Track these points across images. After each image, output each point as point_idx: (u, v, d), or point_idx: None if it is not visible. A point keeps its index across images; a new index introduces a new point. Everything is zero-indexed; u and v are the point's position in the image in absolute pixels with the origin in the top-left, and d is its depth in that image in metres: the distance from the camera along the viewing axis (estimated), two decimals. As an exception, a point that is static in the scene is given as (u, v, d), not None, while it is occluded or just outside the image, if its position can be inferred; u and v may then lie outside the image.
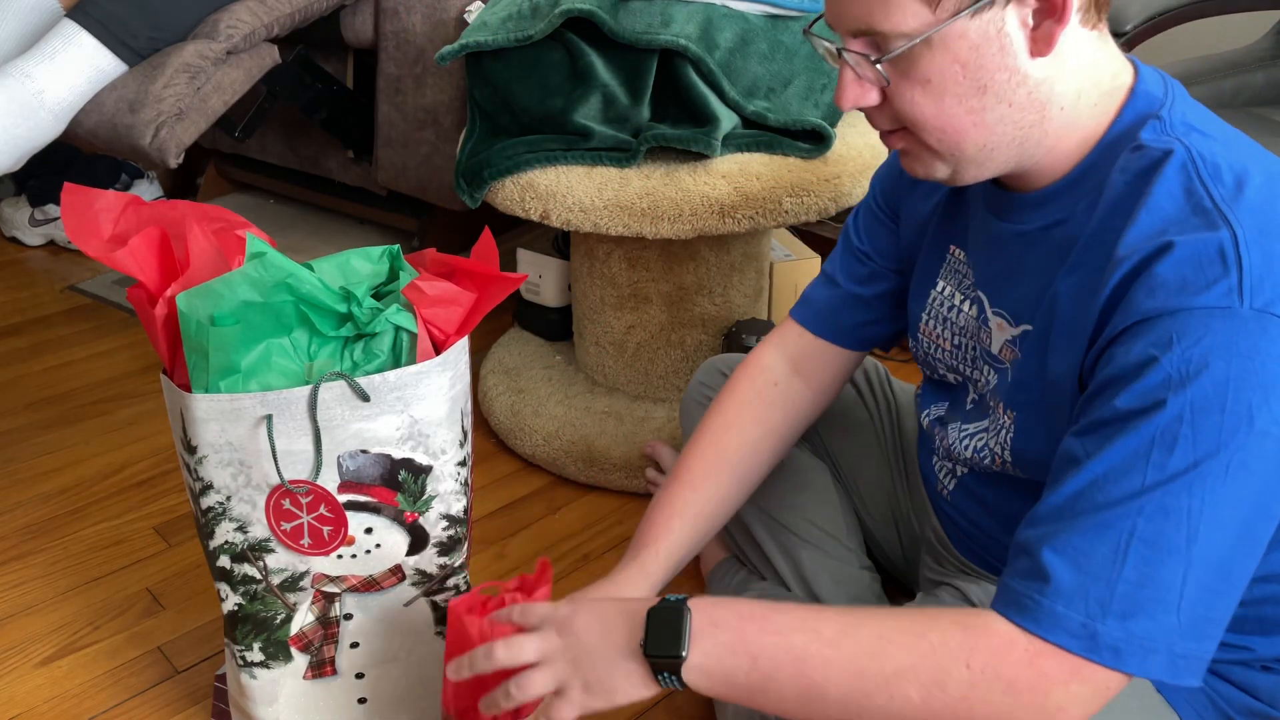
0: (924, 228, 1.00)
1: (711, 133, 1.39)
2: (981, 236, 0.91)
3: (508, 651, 0.82)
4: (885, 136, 0.83)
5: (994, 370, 0.91)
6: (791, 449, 1.15)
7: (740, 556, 1.24)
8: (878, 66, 0.77)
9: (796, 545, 1.15)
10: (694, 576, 1.35)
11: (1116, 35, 1.50)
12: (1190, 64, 1.79)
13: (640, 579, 0.97)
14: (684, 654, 0.76)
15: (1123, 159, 0.78)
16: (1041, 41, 0.75)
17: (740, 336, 1.52)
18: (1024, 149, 0.80)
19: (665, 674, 0.77)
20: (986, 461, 0.93)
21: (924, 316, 1.00)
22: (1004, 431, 0.89)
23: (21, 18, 1.68)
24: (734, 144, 1.43)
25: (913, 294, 1.02)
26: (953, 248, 0.96)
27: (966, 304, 0.95)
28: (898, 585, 1.24)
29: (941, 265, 0.98)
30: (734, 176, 1.38)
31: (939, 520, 1.07)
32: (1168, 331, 0.69)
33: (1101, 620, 0.69)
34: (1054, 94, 0.78)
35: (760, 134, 1.44)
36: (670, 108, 1.44)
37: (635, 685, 0.79)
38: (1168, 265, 0.71)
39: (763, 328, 1.53)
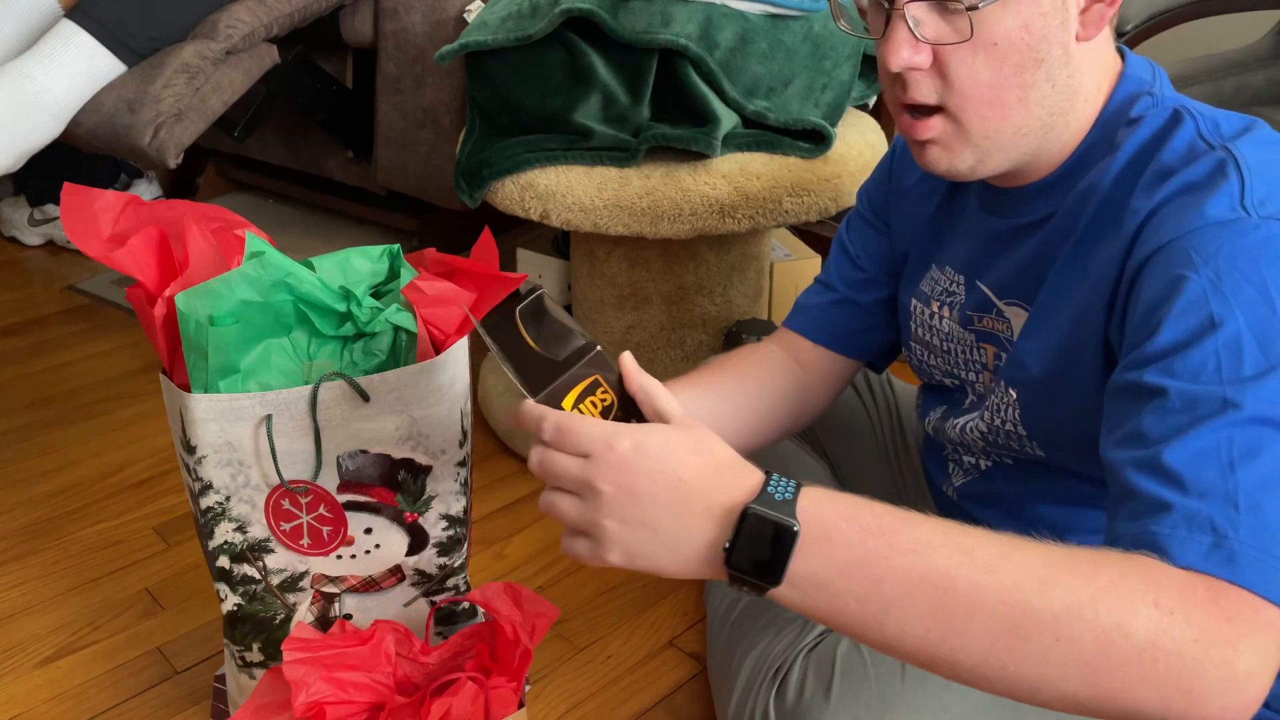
0: (915, 237, 1.00)
1: (711, 132, 1.39)
2: (979, 237, 0.91)
3: (541, 469, 0.69)
4: (914, 126, 0.80)
5: (995, 359, 0.91)
6: (791, 447, 1.14)
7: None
8: (967, 10, 0.73)
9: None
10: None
11: (1116, 35, 1.50)
12: (1190, 64, 1.79)
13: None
14: (779, 582, 0.63)
15: (1121, 133, 0.80)
16: (1091, 24, 0.76)
17: (740, 336, 1.52)
18: (1045, 138, 0.81)
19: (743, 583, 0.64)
20: (1003, 439, 0.91)
21: (913, 325, 1.00)
22: (1009, 408, 0.89)
23: (20, 18, 1.68)
24: (734, 144, 1.43)
25: (901, 305, 1.02)
26: (941, 262, 0.97)
27: (949, 311, 0.95)
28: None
29: (924, 276, 0.98)
30: (734, 176, 1.38)
31: None
32: (1185, 251, 0.70)
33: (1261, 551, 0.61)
34: (1081, 85, 0.79)
35: (760, 133, 1.44)
36: (670, 107, 1.44)
37: (692, 569, 0.65)
38: (1175, 199, 0.72)
39: (763, 328, 1.53)
